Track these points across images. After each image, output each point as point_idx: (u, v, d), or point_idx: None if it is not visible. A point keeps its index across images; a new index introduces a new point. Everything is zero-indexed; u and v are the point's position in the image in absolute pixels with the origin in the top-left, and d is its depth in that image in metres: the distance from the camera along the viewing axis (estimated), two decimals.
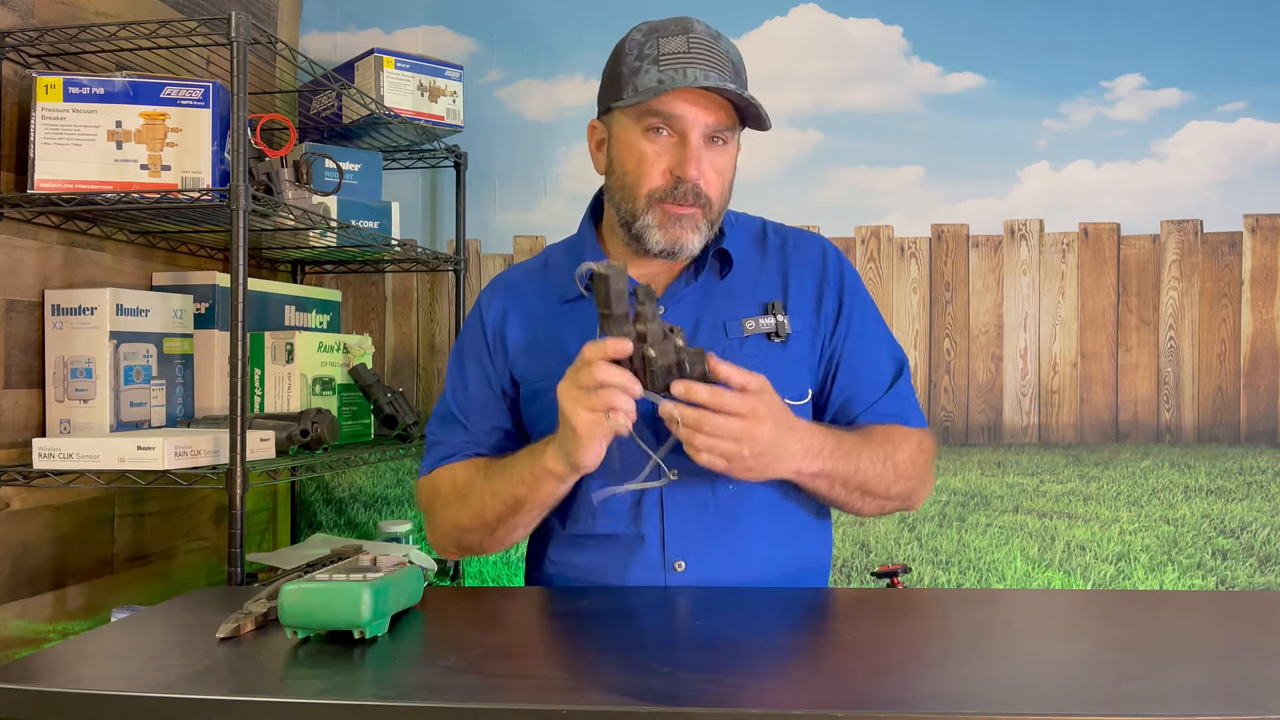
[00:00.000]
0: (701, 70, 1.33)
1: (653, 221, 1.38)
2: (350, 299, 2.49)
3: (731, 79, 1.36)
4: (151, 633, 1.19)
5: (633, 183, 1.39)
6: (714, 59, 1.36)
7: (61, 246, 1.79)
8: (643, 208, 1.38)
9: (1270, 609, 1.34)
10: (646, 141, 1.37)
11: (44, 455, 1.60)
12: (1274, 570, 2.24)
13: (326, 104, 2.20)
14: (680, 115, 1.35)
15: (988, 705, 0.89)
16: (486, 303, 1.53)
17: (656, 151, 1.37)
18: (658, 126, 1.36)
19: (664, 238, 1.38)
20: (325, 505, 2.48)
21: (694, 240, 1.38)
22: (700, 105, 1.35)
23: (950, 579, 2.31)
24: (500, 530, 1.40)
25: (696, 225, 1.38)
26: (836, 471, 1.33)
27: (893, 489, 1.39)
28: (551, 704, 0.89)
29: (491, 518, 1.39)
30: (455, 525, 1.44)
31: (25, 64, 1.73)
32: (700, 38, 1.37)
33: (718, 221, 1.42)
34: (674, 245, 1.38)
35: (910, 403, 1.48)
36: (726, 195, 1.42)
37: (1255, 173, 2.28)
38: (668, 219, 1.37)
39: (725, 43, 1.40)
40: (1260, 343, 2.28)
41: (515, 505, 1.36)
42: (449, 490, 1.45)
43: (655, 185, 1.37)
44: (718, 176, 1.38)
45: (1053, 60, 2.33)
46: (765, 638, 1.17)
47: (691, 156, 1.35)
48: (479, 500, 1.39)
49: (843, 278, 1.48)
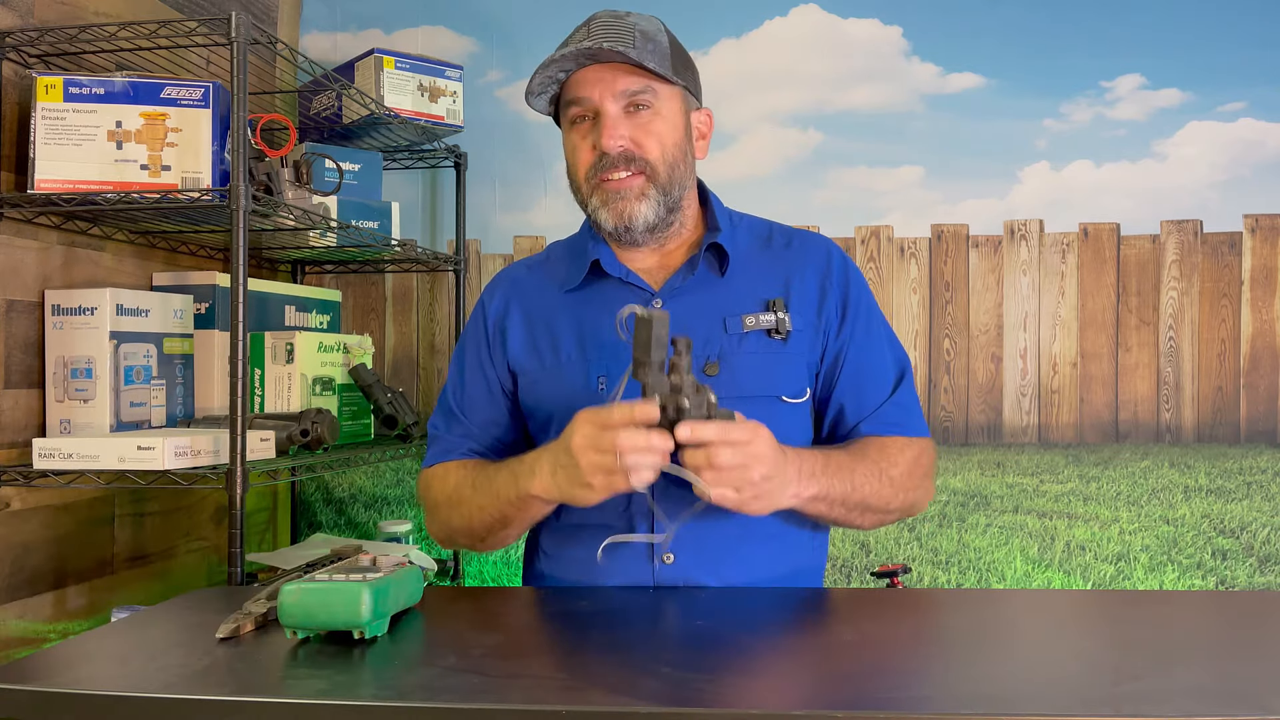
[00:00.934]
0: (595, 44, 1.36)
1: (598, 202, 1.41)
2: (350, 299, 2.49)
3: (636, 44, 1.37)
4: (151, 633, 1.19)
5: (573, 173, 1.44)
6: (611, 32, 1.38)
7: (61, 246, 1.79)
8: (586, 192, 1.42)
9: (1270, 609, 1.33)
10: (575, 133, 1.42)
11: (44, 455, 1.60)
12: (1274, 570, 2.24)
13: (326, 104, 2.20)
14: (586, 94, 1.39)
15: (988, 705, 0.89)
16: (489, 296, 1.55)
17: (582, 135, 1.42)
18: (578, 115, 1.41)
19: (610, 215, 1.41)
20: (325, 505, 2.48)
21: (641, 208, 1.40)
22: (604, 78, 1.38)
23: (950, 579, 2.31)
24: (490, 539, 1.43)
25: (642, 193, 1.40)
26: (833, 492, 1.32)
27: (892, 503, 1.39)
28: (551, 704, 0.89)
29: (480, 529, 1.42)
30: (448, 527, 1.48)
31: (25, 64, 1.73)
32: (601, 19, 1.40)
33: (672, 190, 1.42)
34: (621, 219, 1.40)
35: (913, 410, 1.47)
36: (673, 157, 1.42)
37: (1255, 173, 2.28)
38: (608, 196, 1.40)
39: (636, 18, 1.41)
40: (1260, 343, 2.28)
41: (503, 521, 1.38)
42: (440, 496, 1.47)
43: (586, 165, 1.41)
44: (651, 138, 1.40)
45: (1053, 60, 2.33)
46: (765, 638, 1.17)
47: (606, 126, 1.38)
48: (468, 511, 1.42)
49: (847, 280, 1.47)
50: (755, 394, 1.39)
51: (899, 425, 1.44)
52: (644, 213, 1.40)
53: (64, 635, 1.77)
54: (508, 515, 1.37)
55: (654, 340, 1.16)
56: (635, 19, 1.41)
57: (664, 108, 1.41)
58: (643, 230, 1.42)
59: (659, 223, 1.42)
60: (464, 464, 1.47)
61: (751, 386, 1.40)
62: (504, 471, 1.36)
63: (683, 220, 1.48)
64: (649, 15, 1.45)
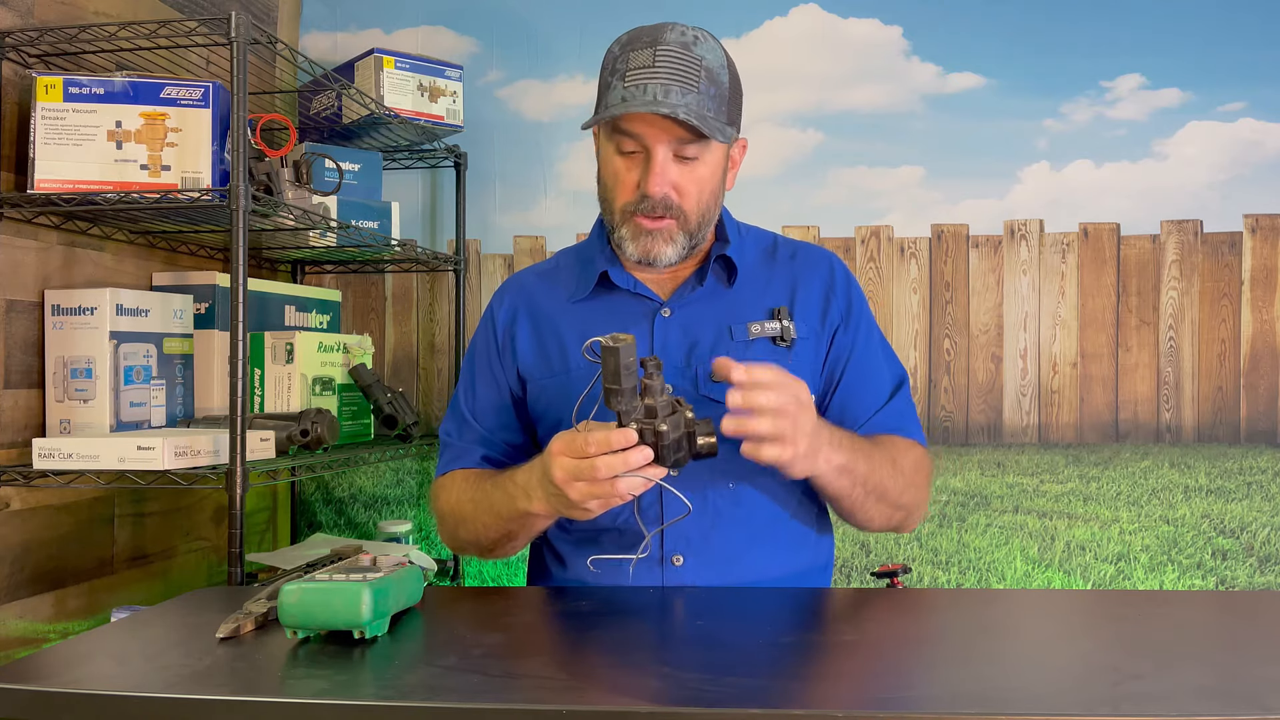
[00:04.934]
0: (663, 86, 1.32)
1: (627, 234, 1.40)
2: (350, 299, 2.49)
3: (700, 88, 1.33)
4: (151, 633, 1.19)
5: (609, 197, 1.42)
6: (678, 72, 1.33)
7: (61, 246, 1.79)
8: (618, 221, 1.41)
9: (1270, 609, 1.33)
10: (619, 158, 1.39)
11: (44, 455, 1.60)
12: (1274, 570, 2.24)
13: (326, 104, 2.20)
14: (641, 134, 1.36)
15: (988, 705, 0.89)
16: (499, 303, 1.55)
17: (627, 167, 1.39)
18: (626, 145, 1.38)
19: (637, 249, 1.40)
20: (325, 505, 2.48)
21: (668, 251, 1.40)
22: (661, 124, 1.34)
23: (950, 579, 2.31)
24: (498, 550, 1.45)
25: (671, 237, 1.39)
26: (857, 467, 1.32)
27: (902, 497, 1.40)
28: (551, 704, 0.89)
29: (487, 543, 1.44)
30: (455, 539, 1.50)
31: (25, 64, 1.73)
32: (669, 48, 1.34)
33: (699, 232, 1.42)
34: (647, 256, 1.40)
35: (910, 418, 1.48)
36: (707, 204, 1.41)
37: (1255, 173, 2.28)
38: (640, 232, 1.39)
39: (703, 48, 1.36)
40: (1260, 343, 2.28)
41: (508, 535, 1.41)
42: (446, 508, 1.49)
43: (626, 200, 1.39)
44: (692, 188, 1.38)
45: (1053, 60, 2.33)
46: (765, 638, 1.17)
47: (654, 173, 1.36)
48: (473, 527, 1.43)
49: (849, 293, 1.49)
50: None
51: (900, 430, 1.45)
52: (669, 254, 1.41)
53: (64, 635, 1.77)
54: (512, 530, 1.39)
55: (622, 368, 1.13)
56: (702, 51, 1.35)
57: (710, 158, 1.40)
58: (664, 265, 1.43)
59: (679, 259, 1.43)
60: (467, 476, 1.48)
61: None
62: (499, 491, 1.37)
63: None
64: (713, 42, 1.39)
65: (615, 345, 1.12)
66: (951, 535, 2.33)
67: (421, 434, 2.30)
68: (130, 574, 1.94)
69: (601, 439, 1.16)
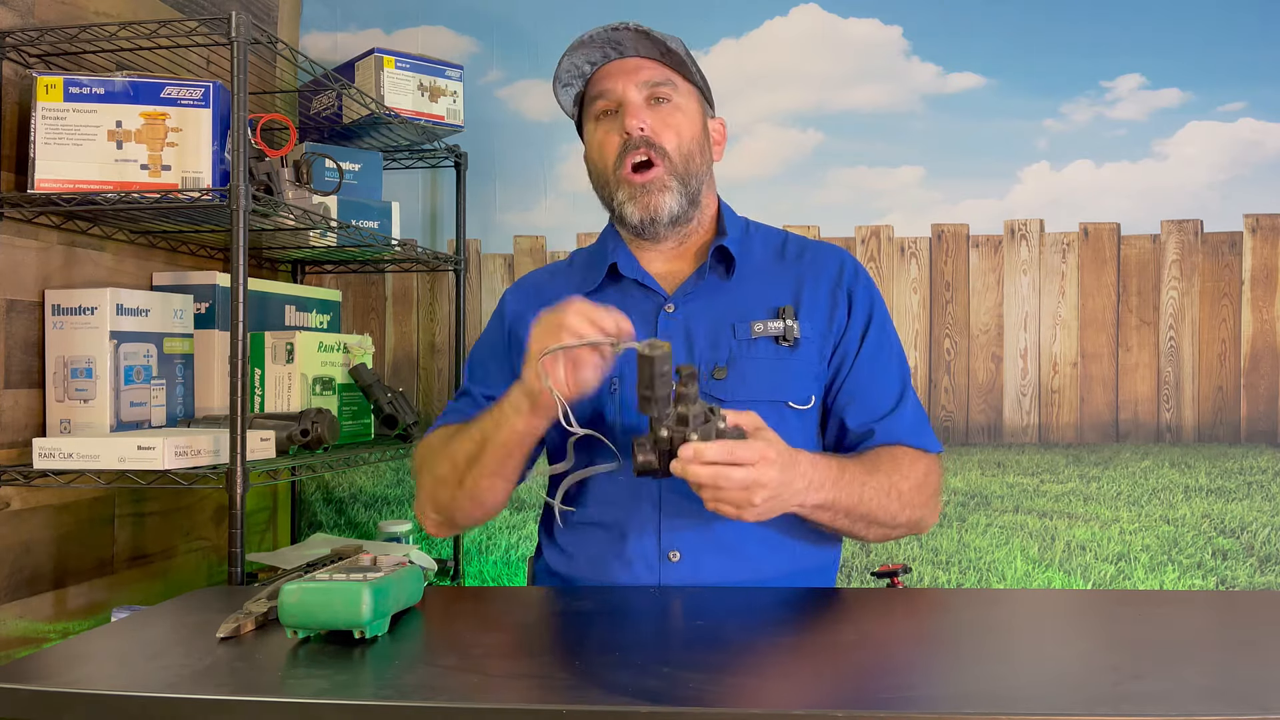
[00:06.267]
0: (611, 27, 1.42)
1: (624, 197, 1.45)
2: (350, 299, 2.49)
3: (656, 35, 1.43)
4: (151, 633, 1.19)
5: (599, 167, 1.48)
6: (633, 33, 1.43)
7: (62, 246, 1.79)
8: (613, 188, 1.46)
9: (1270, 609, 1.33)
10: (599, 128, 1.47)
11: (44, 455, 1.60)
12: (1274, 570, 2.24)
13: (326, 104, 2.20)
14: (610, 85, 1.45)
15: (988, 705, 0.89)
16: (511, 297, 1.58)
17: (606, 130, 1.47)
18: (603, 109, 1.46)
19: (636, 208, 1.44)
20: (325, 505, 2.48)
21: (666, 200, 1.44)
22: (626, 71, 1.44)
23: (950, 579, 2.31)
24: (469, 479, 1.39)
25: (664, 185, 1.44)
26: (839, 502, 1.32)
27: (899, 518, 1.39)
28: (551, 704, 0.89)
29: (462, 460, 1.39)
30: (433, 477, 1.46)
31: (25, 64, 1.73)
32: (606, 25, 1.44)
33: (689, 179, 1.45)
34: (648, 211, 1.44)
35: (918, 424, 1.47)
36: (689, 149, 1.46)
37: (1255, 173, 2.28)
38: (635, 190, 1.44)
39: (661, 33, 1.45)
40: (1260, 343, 2.28)
41: (481, 443, 1.37)
42: (437, 443, 1.48)
43: (612, 154, 1.45)
44: (669, 130, 1.44)
45: (1053, 60, 2.33)
46: (765, 638, 1.17)
47: (629, 113, 1.43)
48: (456, 446, 1.42)
49: (859, 289, 1.49)
50: (761, 399, 1.40)
51: (910, 435, 1.44)
52: (668, 204, 1.44)
53: (64, 635, 1.77)
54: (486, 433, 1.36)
55: (656, 375, 1.14)
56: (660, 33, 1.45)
57: (683, 103, 1.47)
58: (667, 222, 1.45)
59: (681, 215, 1.46)
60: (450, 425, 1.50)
61: (758, 391, 1.41)
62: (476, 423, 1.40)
63: (700, 220, 1.51)
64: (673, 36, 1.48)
65: (651, 354, 1.13)
66: (952, 535, 2.33)
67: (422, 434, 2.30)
68: (130, 574, 1.94)
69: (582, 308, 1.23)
